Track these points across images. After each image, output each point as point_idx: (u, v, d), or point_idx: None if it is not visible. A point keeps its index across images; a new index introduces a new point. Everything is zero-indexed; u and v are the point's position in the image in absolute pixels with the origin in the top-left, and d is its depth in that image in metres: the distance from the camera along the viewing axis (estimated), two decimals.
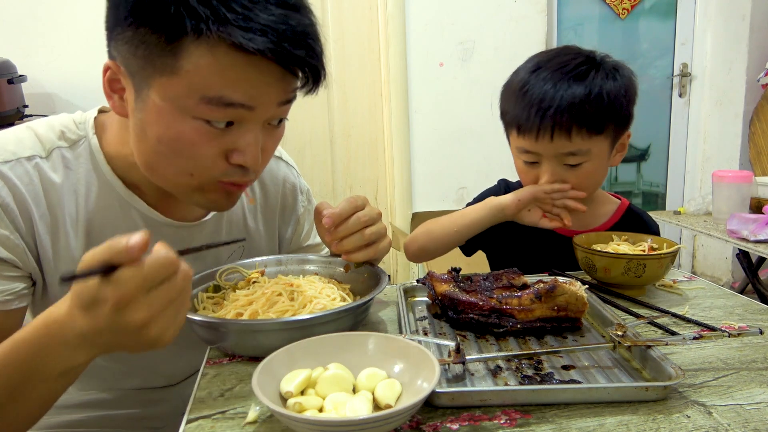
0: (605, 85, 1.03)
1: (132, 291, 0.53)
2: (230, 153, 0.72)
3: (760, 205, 2.10)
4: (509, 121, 1.10)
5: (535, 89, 1.04)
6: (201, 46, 0.65)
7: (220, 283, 0.88)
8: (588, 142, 1.04)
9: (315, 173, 2.97)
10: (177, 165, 0.72)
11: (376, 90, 2.96)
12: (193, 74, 0.66)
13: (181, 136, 0.69)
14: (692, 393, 0.64)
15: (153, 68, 0.67)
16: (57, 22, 2.57)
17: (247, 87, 0.68)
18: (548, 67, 1.06)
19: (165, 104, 0.68)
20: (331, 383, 0.60)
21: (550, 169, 1.07)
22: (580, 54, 1.07)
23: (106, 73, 0.72)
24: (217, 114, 0.68)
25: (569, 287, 0.78)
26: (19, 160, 0.77)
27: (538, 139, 1.04)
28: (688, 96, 3.32)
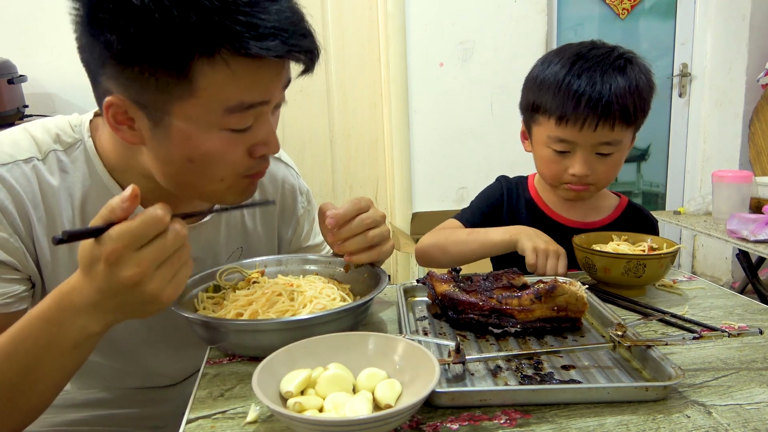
0: (640, 78, 1.08)
1: (120, 247, 0.55)
2: (253, 148, 0.74)
3: (760, 205, 2.10)
4: (548, 110, 1.10)
5: (581, 80, 1.06)
6: (215, 64, 0.65)
7: (220, 283, 0.88)
8: (623, 133, 1.08)
9: (315, 173, 2.97)
10: (208, 176, 0.74)
11: (376, 90, 2.95)
12: (210, 91, 0.67)
13: (211, 150, 0.71)
14: (692, 393, 0.64)
15: (169, 96, 0.67)
16: (57, 22, 2.57)
17: (261, 86, 0.70)
18: (588, 58, 1.08)
19: (189, 126, 0.69)
20: (331, 383, 0.60)
21: (583, 158, 1.09)
22: (613, 48, 1.11)
23: (109, 109, 0.70)
24: (240, 120, 0.70)
25: (569, 287, 0.79)
26: (16, 163, 0.77)
27: (582, 129, 1.06)
28: (688, 96, 3.32)
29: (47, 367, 0.65)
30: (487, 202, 1.27)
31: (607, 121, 1.05)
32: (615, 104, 1.04)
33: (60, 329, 0.62)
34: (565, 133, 1.08)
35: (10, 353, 0.64)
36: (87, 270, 0.58)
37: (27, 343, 0.64)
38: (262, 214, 1.02)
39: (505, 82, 2.90)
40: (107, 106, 0.70)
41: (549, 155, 1.12)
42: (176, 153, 0.72)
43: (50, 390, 0.69)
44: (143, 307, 0.60)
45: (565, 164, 1.11)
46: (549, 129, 1.10)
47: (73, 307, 0.61)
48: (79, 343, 0.64)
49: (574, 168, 1.10)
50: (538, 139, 1.14)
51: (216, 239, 0.94)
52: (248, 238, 1.00)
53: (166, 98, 0.67)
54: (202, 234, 0.92)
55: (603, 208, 1.23)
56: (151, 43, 0.64)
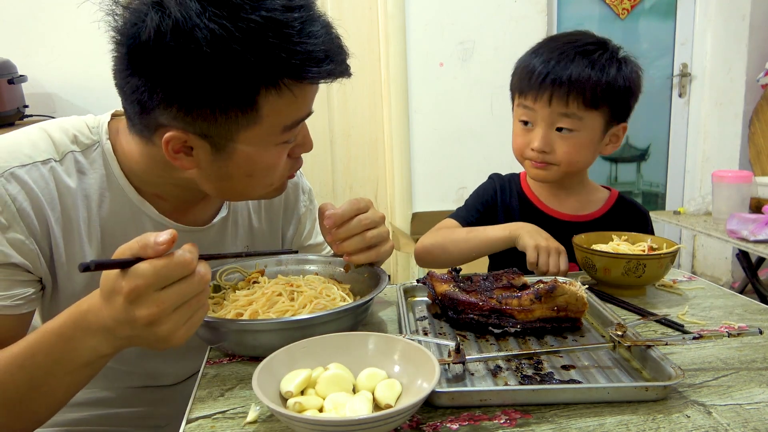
0: (609, 67, 1.10)
1: (142, 284, 0.55)
2: (293, 150, 0.81)
3: (760, 205, 2.10)
4: (515, 88, 1.18)
5: (539, 58, 1.13)
6: (280, 92, 0.70)
7: (220, 283, 0.88)
8: (582, 111, 1.10)
9: (315, 173, 2.97)
10: (263, 184, 0.80)
11: (376, 90, 2.95)
12: (272, 116, 0.72)
13: (269, 164, 0.77)
14: (692, 393, 0.64)
15: (237, 126, 0.71)
16: (57, 22, 2.57)
17: (310, 102, 0.77)
18: (560, 39, 1.15)
19: (252, 148, 0.74)
20: (331, 383, 0.60)
21: (542, 133, 1.13)
22: (593, 37, 1.16)
23: (169, 144, 0.72)
24: (292, 134, 0.77)
25: (569, 287, 0.78)
26: (35, 164, 0.77)
27: (537, 100, 1.12)
28: (688, 96, 3.31)
29: (55, 383, 0.65)
30: (481, 199, 1.28)
31: (560, 95, 1.09)
32: (569, 80, 1.08)
33: (72, 346, 0.63)
34: (526, 102, 1.14)
35: (22, 365, 0.64)
36: (106, 297, 0.58)
37: (39, 357, 0.64)
38: (267, 213, 1.03)
39: (505, 82, 2.88)
40: (167, 141, 0.72)
41: (517, 128, 1.18)
42: (236, 171, 0.76)
43: (54, 405, 0.69)
44: (154, 344, 0.60)
45: (528, 138, 1.15)
46: (516, 99, 1.17)
47: (88, 327, 0.61)
48: (90, 362, 0.64)
49: (533, 142, 1.14)
50: (515, 115, 1.19)
51: (224, 239, 0.95)
52: (254, 237, 1.01)
53: (233, 128, 0.71)
54: (210, 234, 0.93)
55: (594, 201, 1.25)
56: (220, 86, 0.67)
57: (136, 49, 0.67)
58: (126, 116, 0.78)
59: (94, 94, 2.56)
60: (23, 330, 0.77)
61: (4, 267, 0.74)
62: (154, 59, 0.66)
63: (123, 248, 0.58)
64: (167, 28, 0.64)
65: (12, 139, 0.79)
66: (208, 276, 0.60)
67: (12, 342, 0.67)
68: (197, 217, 0.91)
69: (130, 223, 0.84)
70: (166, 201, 0.86)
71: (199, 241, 0.89)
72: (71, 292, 0.81)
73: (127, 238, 0.74)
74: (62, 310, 0.72)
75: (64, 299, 0.81)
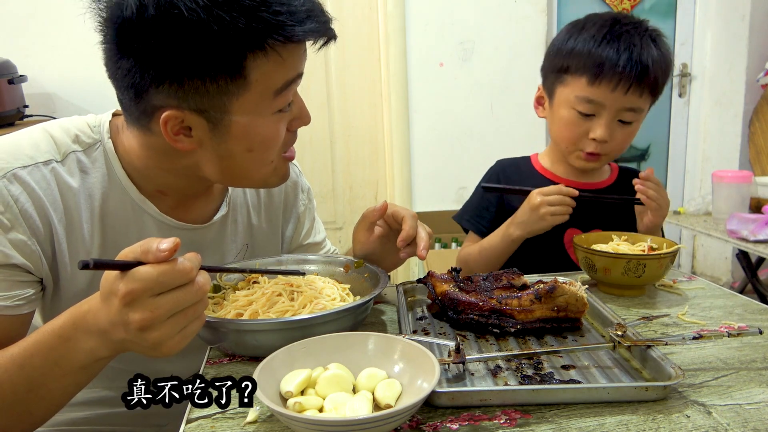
0: (669, 53, 1.11)
1: (139, 288, 0.55)
2: (291, 123, 0.81)
3: (760, 205, 2.10)
4: (581, 69, 1.09)
5: (620, 42, 1.06)
6: (268, 56, 0.71)
7: (220, 283, 0.88)
8: (646, 102, 1.10)
9: (315, 174, 2.97)
10: (264, 161, 0.79)
11: (376, 90, 2.95)
12: (261, 81, 0.72)
13: (267, 134, 0.77)
14: (692, 393, 0.64)
15: (228, 96, 0.72)
16: (57, 22, 2.57)
17: (297, 63, 0.76)
18: (624, 24, 1.09)
19: (247, 118, 0.74)
20: (331, 383, 0.60)
21: (607, 122, 1.10)
22: (642, 20, 1.12)
23: (167, 124, 0.72)
24: (284, 98, 0.76)
25: (569, 288, 0.79)
26: (36, 165, 0.77)
27: (615, 89, 1.06)
28: (688, 96, 3.31)
29: (52, 384, 0.65)
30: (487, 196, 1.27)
31: (639, 85, 1.06)
32: (650, 69, 1.06)
33: (71, 347, 0.63)
34: (595, 93, 1.08)
35: (21, 365, 0.64)
36: (104, 298, 0.58)
37: (37, 359, 0.64)
38: (267, 212, 1.03)
39: (505, 82, 2.89)
40: (165, 121, 0.72)
41: (572, 117, 1.12)
42: (236, 147, 0.76)
43: (51, 408, 0.69)
44: (146, 350, 0.60)
45: (586, 127, 1.11)
46: (578, 89, 1.10)
47: (87, 328, 0.62)
48: (86, 365, 0.64)
49: (596, 132, 1.10)
50: (563, 100, 1.14)
51: (223, 237, 0.96)
52: (254, 235, 1.01)
53: (225, 99, 0.72)
54: (211, 232, 0.93)
55: (602, 172, 1.28)
56: (206, 54, 0.68)
57: (121, 29, 0.68)
58: (123, 108, 0.78)
59: (94, 94, 2.56)
60: (23, 330, 0.77)
61: (4, 268, 0.74)
62: (140, 35, 0.67)
63: (126, 251, 0.58)
64: (148, 1, 0.65)
65: (14, 139, 0.80)
66: (207, 287, 0.60)
67: (12, 342, 0.67)
68: (198, 214, 0.92)
69: (132, 221, 0.84)
70: (168, 197, 0.86)
71: (199, 239, 0.91)
72: (73, 293, 0.81)
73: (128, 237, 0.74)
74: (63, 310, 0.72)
75: (66, 300, 0.81)
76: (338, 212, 3.07)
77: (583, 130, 1.12)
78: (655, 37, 1.10)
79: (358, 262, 0.93)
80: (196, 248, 0.89)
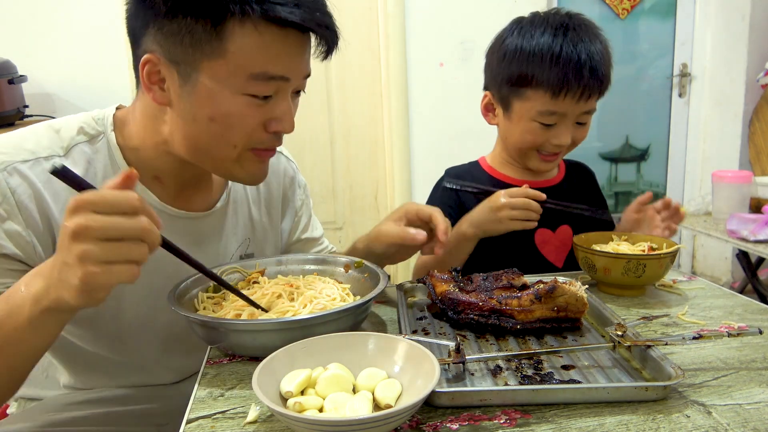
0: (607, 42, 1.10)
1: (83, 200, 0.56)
2: (268, 122, 0.79)
3: (760, 205, 2.10)
4: (543, 84, 1.06)
5: (578, 50, 1.04)
6: (245, 27, 0.72)
7: None
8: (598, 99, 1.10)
9: (315, 174, 2.97)
10: (225, 139, 0.78)
11: (376, 90, 2.95)
12: (238, 55, 0.73)
13: (231, 111, 0.76)
14: (692, 393, 0.64)
15: (201, 53, 0.73)
16: (57, 22, 2.57)
17: (285, 60, 0.76)
18: (574, 27, 1.07)
19: (215, 85, 0.75)
20: (331, 383, 0.60)
21: (568, 128, 1.10)
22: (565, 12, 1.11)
23: (145, 67, 0.75)
24: (261, 88, 0.76)
25: (569, 288, 0.78)
26: (37, 160, 0.79)
27: (579, 101, 1.06)
28: (687, 96, 3.31)
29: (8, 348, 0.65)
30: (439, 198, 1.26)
31: (598, 90, 1.07)
32: (605, 74, 1.07)
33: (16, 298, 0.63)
34: (559, 106, 1.07)
35: None
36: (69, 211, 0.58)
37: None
38: (267, 207, 1.05)
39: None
40: (144, 63, 0.75)
41: (533, 128, 1.11)
42: (200, 111, 0.76)
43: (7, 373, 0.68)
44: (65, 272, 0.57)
45: (548, 135, 1.11)
46: (541, 104, 1.07)
47: (31, 274, 0.62)
48: (33, 318, 0.62)
49: (559, 138, 1.10)
50: (522, 114, 1.12)
51: (223, 227, 0.97)
52: (255, 229, 1.03)
53: (197, 55, 0.73)
54: (210, 222, 0.95)
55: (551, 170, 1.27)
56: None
57: None
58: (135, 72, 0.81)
59: (94, 94, 2.56)
60: None
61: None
62: None
63: None
64: None
65: (17, 135, 0.82)
66: (151, 230, 0.58)
67: None
68: (198, 205, 0.93)
69: None
70: (166, 186, 0.88)
71: (199, 228, 0.93)
72: None
73: None
74: None
75: None
76: (338, 212, 3.07)
77: (545, 138, 1.11)
78: (597, 32, 1.09)
79: (358, 262, 0.93)
80: (195, 238, 0.92)
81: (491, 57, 1.18)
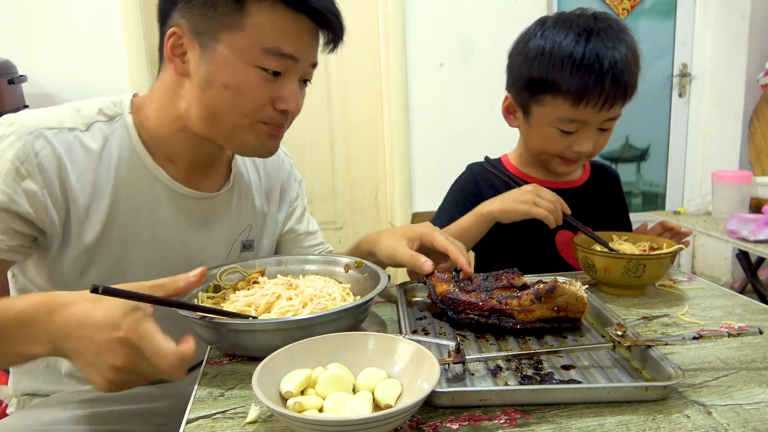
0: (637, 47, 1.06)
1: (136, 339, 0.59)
2: (276, 100, 0.86)
3: (760, 205, 2.10)
4: (564, 91, 1.03)
5: (602, 58, 1.00)
6: (262, 6, 0.80)
7: (220, 283, 0.88)
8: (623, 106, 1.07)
9: (315, 174, 2.97)
10: (237, 107, 0.84)
11: (376, 90, 2.95)
12: (255, 29, 0.81)
13: (245, 80, 0.83)
14: (692, 393, 0.64)
15: (221, 25, 0.81)
16: (57, 22, 2.57)
17: (295, 41, 0.83)
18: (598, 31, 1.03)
19: (232, 55, 0.82)
20: (331, 383, 0.60)
21: (590, 135, 1.07)
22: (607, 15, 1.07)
23: (170, 39, 0.84)
24: (272, 62, 0.83)
25: (569, 288, 0.78)
26: (62, 130, 0.85)
27: (601, 109, 1.03)
28: (687, 96, 3.31)
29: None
30: (465, 193, 1.24)
31: (622, 97, 1.04)
32: (630, 81, 1.03)
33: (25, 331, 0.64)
34: (580, 114, 1.04)
35: None
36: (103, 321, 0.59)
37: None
38: (267, 197, 1.09)
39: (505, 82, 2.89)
40: (169, 36, 0.84)
41: (553, 134, 1.08)
42: (216, 78, 0.83)
43: None
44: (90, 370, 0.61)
45: (569, 142, 1.08)
46: (561, 111, 1.05)
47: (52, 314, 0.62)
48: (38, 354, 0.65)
49: (581, 146, 1.07)
50: (542, 119, 1.09)
51: (229, 210, 1.01)
52: (256, 216, 1.06)
53: (218, 26, 0.81)
54: (218, 203, 0.99)
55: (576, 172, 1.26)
56: None
57: None
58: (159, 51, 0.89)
59: (94, 94, 2.55)
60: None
61: (6, 212, 0.79)
62: None
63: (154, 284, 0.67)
64: None
65: (42, 111, 0.88)
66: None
67: None
68: (206, 186, 0.97)
69: (144, 186, 0.90)
70: (178, 166, 0.93)
71: (207, 209, 0.97)
72: (82, 247, 0.87)
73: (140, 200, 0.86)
74: (68, 265, 0.86)
75: (73, 253, 0.87)
76: (338, 212, 3.07)
77: (566, 144, 1.08)
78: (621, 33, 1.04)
79: (358, 262, 0.93)
80: (203, 218, 0.97)
81: (513, 58, 1.14)
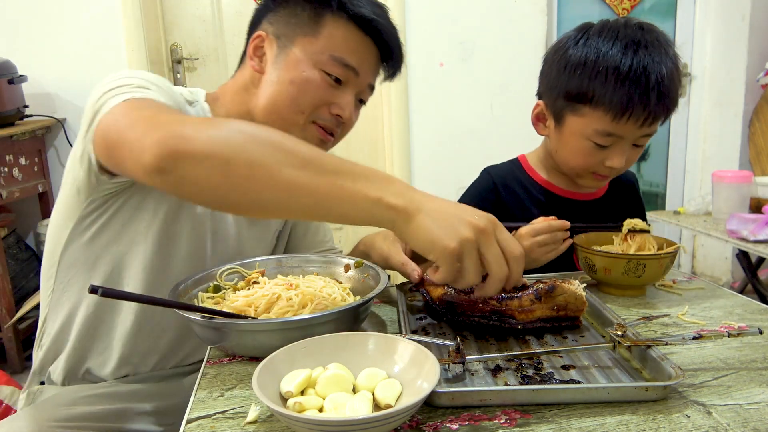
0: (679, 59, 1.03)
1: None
2: (332, 105, 0.97)
3: (760, 205, 2.10)
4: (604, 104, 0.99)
5: (649, 73, 0.97)
6: (337, 21, 0.94)
7: (220, 283, 0.88)
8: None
9: None
10: (297, 102, 0.95)
11: (376, 90, 2.95)
12: (327, 39, 0.94)
13: (309, 79, 0.94)
14: (692, 393, 0.64)
15: (300, 31, 0.95)
16: (57, 22, 2.57)
17: (359, 57, 0.96)
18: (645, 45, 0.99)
19: (303, 56, 0.95)
20: (331, 383, 0.60)
21: (624, 151, 1.03)
22: (652, 27, 1.03)
23: (254, 41, 0.98)
24: (335, 69, 0.95)
25: (568, 287, 0.79)
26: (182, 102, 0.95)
27: (642, 125, 0.99)
28: (688, 96, 3.31)
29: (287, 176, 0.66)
30: (481, 197, 1.22)
31: (664, 113, 1.00)
32: (674, 97, 1.00)
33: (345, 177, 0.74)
34: (619, 129, 1.00)
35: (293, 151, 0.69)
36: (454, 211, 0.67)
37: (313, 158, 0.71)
38: None
39: (505, 82, 2.89)
40: (254, 38, 0.98)
41: (587, 147, 1.04)
42: (285, 75, 0.95)
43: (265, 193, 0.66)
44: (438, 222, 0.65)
45: (602, 156, 1.04)
46: (599, 124, 1.01)
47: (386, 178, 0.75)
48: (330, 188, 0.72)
49: (613, 161, 1.03)
50: (576, 130, 1.04)
51: None
52: None
53: (297, 32, 0.95)
54: None
55: None
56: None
57: None
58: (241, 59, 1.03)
59: None
60: None
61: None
62: None
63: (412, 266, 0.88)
64: None
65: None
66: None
67: None
68: None
69: None
70: None
71: None
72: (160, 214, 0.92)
73: None
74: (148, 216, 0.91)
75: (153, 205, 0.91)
76: None
77: (599, 159, 1.04)
78: (668, 49, 1.01)
79: (358, 262, 0.93)
80: None
81: (550, 65, 1.09)
